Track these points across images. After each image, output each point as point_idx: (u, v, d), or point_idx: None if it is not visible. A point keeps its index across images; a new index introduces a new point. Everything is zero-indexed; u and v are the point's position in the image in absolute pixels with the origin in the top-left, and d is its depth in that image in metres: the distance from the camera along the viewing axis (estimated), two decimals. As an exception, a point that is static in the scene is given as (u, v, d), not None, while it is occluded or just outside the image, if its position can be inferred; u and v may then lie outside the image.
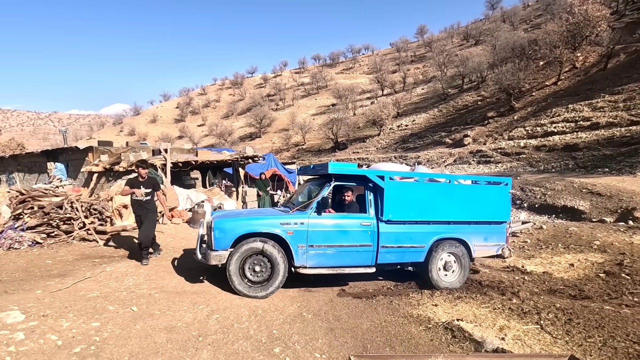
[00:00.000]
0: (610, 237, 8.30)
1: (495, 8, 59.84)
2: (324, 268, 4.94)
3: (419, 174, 5.79)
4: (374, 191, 5.23)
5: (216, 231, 4.57)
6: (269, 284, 4.65)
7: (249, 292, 4.57)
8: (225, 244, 4.57)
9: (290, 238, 4.73)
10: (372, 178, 5.12)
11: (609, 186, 12.63)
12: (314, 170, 5.88)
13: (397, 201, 5.14)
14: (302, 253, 4.80)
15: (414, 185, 5.41)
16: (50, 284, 4.60)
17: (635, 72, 20.84)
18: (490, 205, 5.74)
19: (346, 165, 5.20)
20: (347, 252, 5.00)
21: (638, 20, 26.75)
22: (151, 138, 56.41)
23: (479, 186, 5.92)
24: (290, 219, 4.84)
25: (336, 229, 4.97)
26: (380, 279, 5.82)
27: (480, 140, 24.35)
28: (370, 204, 5.18)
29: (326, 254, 4.91)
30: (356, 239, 5.03)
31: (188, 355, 2.95)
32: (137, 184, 6.05)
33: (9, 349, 2.71)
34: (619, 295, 4.95)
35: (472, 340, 3.62)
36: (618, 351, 3.33)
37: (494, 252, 5.95)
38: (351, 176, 5.23)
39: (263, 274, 4.67)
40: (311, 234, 4.82)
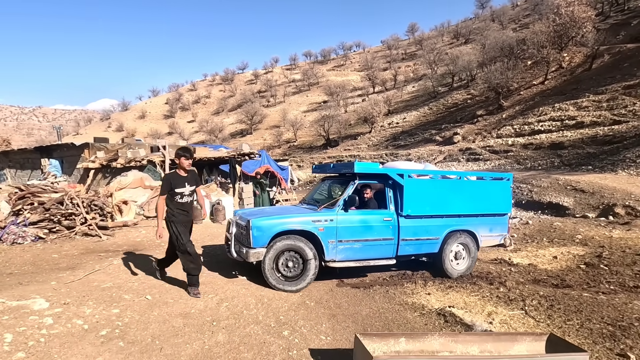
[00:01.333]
0: (591, 232, 8.76)
1: (485, 7, 60.62)
2: (351, 261, 5.28)
3: (433, 172, 6.20)
4: (393, 188, 5.60)
5: (254, 230, 4.78)
6: (301, 279, 4.93)
7: (282, 286, 4.83)
8: (262, 242, 4.81)
9: (321, 234, 5.01)
10: (393, 176, 5.49)
11: (591, 183, 13.13)
12: (335, 170, 6.24)
13: (415, 197, 5.55)
14: (332, 248, 5.10)
15: (429, 182, 5.82)
16: (63, 276, 4.80)
17: (619, 73, 21.52)
18: (494, 199, 6.25)
19: (370, 165, 5.61)
20: (371, 245, 5.37)
21: (622, 22, 27.52)
22: (140, 134, 55.79)
23: (484, 182, 6.41)
24: (321, 216, 5.13)
25: (362, 225, 5.31)
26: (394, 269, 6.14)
27: (469, 138, 24.86)
28: (390, 201, 5.56)
29: (353, 248, 5.25)
30: (379, 233, 5.40)
31: (205, 337, 3.21)
32: (180, 181, 4.31)
33: (41, 332, 2.93)
34: (596, 284, 5.35)
35: (462, 324, 3.95)
36: (593, 332, 3.70)
37: (498, 242, 6.50)
38: (374, 175, 5.60)
39: (296, 269, 4.94)
40: (340, 230, 5.13)
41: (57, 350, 2.73)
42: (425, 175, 5.93)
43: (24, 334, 2.88)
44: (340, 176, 6.29)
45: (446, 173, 6.41)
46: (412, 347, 2.98)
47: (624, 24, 27.06)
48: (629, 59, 22.32)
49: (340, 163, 6.13)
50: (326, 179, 6.83)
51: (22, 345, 2.74)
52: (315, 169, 7.09)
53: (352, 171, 5.41)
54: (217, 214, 9.16)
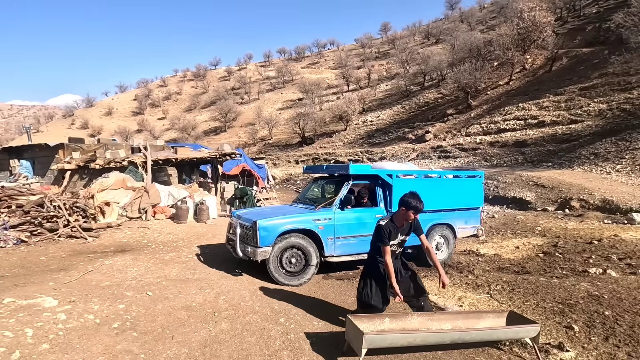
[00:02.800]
0: (549, 224, 9.61)
1: (454, 8, 62.46)
2: (348, 255, 5.73)
3: (417, 172, 6.76)
4: (383, 187, 6.11)
5: (261, 230, 5.10)
6: (303, 273, 5.33)
7: (287, 281, 5.20)
8: (269, 241, 5.14)
9: (321, 232, 5.42)
10: (383, 176, 6.02)
11: (551, 179, 14.16)
12: (329, 170, 6.70)
13: None
14: (330, 244, 5.52)
15: (414, 181, 6.40)
16: (58, 277, 4.95)
17: (575, 75, 23.05)
18: (469, 195, 6.99)
19: (363, 167, 6.10)
20: (365, 240, 5.77)
21: (578, 27, 29.35)
22: (107, 132, 53.91)
23: (461, 179, 7.13)
24: (320, 215, 5.54)
25: (356, 222, 5.77)
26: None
27: (440, 136, 25.88)
28: (380, 199, 6.07)
29: (350, 243, 5.70)
30: (372, 229, 5.81)
31: (210, 326, 3.54)
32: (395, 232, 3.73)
33: (58, 326, 3.17)
34: (551, 270, 6.04)
35: (437, 308, 4.46)
36: (546, 309, 4.29)
37: (472, 233, 7.29)
38: (366, 176, 6.06)
39: (298, 265, 5.32)
40: (337, 227, 5.57)
41: (77, 342, 2.98)
42: (411, 175, 6.50)
43: (42, 328, 3.11)
44: (331, 176, 6.74)
45: (428, 172, 7.01)
46: (395, 325, 3.43)
47: (580, 29, 28.89)
48: (584, 63, 23.92)
49: (335, 165, 6.81)
50: (318, 179, 7.25)
51: (43, 338, 2.97)
52: (307, 170, 7.50)
53: (348, 173, 5.88)
54: (201, 213, 9.36)
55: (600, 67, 21.78)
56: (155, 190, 9.31)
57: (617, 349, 3.37)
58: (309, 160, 32.00)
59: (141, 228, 8.42)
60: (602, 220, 9.62)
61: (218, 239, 8.01)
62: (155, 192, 9.28)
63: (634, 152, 14.07)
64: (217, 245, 7.35)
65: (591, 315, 4.02)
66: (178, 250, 6.93)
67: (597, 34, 26.06)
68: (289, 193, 22.24)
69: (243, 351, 3.13)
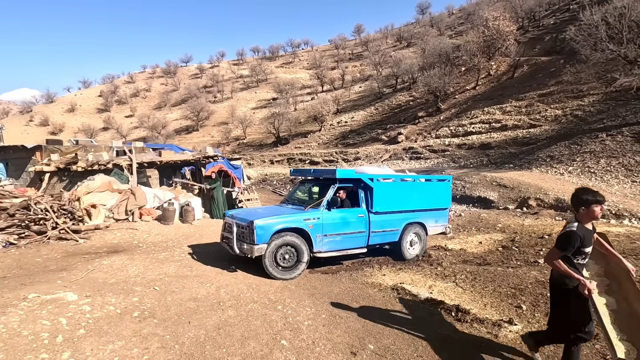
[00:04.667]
0: (509, 221, 10.64)
1: (425, 13, 64.59)
2: (334, 251, 6.37)
3: (395, 176, 7.49)
4: (365, 190, 6.78)
5: (257, 229, 5.62)
6: (295, 268, 5.90)
7: (281, 275, 5.74)
8: (265, 239, 5.67)
9: (311, 230, 6.02)
10: (365, 180, 6.71)
11: (512, 179, 15.38)
12: (317, 174, 7.31)
13: (382, 197, 6.81)
14: (319, 241, 6.13)
15: (392, 184, 7.12)
16: (62, 275, 5.28)
17: (535, 82, 24.79)
18: (439, 196, 7.86)
19: (348, 171, 6.75)
20: (349, 237, 6.51)
21: (537, 37, 31.41)
22: (69, 129, 51.94)
23: (432, 182, 7.98)
24: (309, 215, 6.14)
25: (342, 221, 6.41)
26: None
27: (412, 138, 27.06)
28: (362, 200, 6.74)
29: (335, 240, 6.34)
30: (355, 227, 6.57)
31: (219, 313, 4.06)
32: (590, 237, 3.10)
33: (86, 316, 3.60)
34: (508, 261, 6.92)
35: (411, 294, 5.17)
36: (501, 293, 5.09)
37: (442, 230, 8.23)
38: (350, 179, 6.70)
39: (291, 260, 5.88)
40: (325, 226, 6.18)
41: (107, 328, 3.43)
42: (389, 179, 7.24)
43: (73, 317, 3.52)
44: (317, 179, 7.37)
45: (404, 177, 7.76)
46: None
47: (539, 39, 30.92)
48: (543, 70, 25.75)
49: (322, 169, 7.70)
50: (305, 181, 7.86)
51: (77, 325, 3.40)
52: (294, 173, 8.10)
53: (334, 177, 6.51)
54: (187, 214, 9.70)
55: (557, 75, 23.56)
56: (141, 192, 9.57)
57: (554, 322, 4.18)
58: (284, 160, 32.44)
59: (130, 229, 8.69)
60: (554, 218, 10.75)
61: (206, 239, 8.43)
62: (141, 194, 9.54)
63: (584, 155, 15.52)
64: (206, 245, 7.79)
65: (536, 297, 4.84)
66: (170, 250, 7.30)
67: (554, 44, 28.05)
68: (266, 193, 22.67)
69: (252, 331, 3.68)
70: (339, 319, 4.29)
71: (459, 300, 4.93)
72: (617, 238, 7.48)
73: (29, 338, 3.06)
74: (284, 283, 5.54)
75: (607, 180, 13.65)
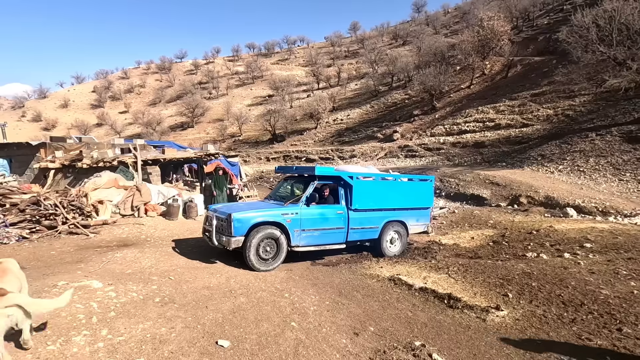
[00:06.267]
0: (500, 218, 11.08)
1: (421, 12, 64.97)
2: (312, 246, 6.64)
3: (375, 174, 7.78)
4: (345, 187, 7.05)
5: (235, 222, 5.90)
6: (275, 260, 6.18)
7: (261, 266, 6.02)
8: (242, 231, 5.95)
9: (288, 225, 6.29)
10: (345, 178, 6.98)
11: (504, 177, 15.85)
12: (298, 171, 7.59)
13: (362, 195, 7.07)
14: (297, 235, 6.40)
15: (372, 183, 7.40)
16: (80, 266, 5.61)
17: (528, 82, 25.29)
18: (421, 196, 8.12)
19: (327, 169, 7.00)
20: (327, 233, 6.78)
21: (531, 37, 31.92)
22: (62, 125, 51.66)
23: (414, 182, 8.26)
24: (288, 210, 6.41)
25: (320, 217, 6.68)
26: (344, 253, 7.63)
27: (407, 136, 27.49)
28: (342, 198, 7.01)
29: (313, 235, 6.61)
30: (334, 223, 6.84)
31: (232, 299, 4.43)
32: None
33: (113, 301, 3.95)
34: (498, 255, 7.36)
35: (406, 285, 5.57)
36: (490, 283, 5.50)
37: (423, 229, 8.42)
38: (330, 177, 6.97)
39: (272, 252, 6.18)
40: (303, 221, 6.46)
41: (134, 311, 3.78)
42: (369, 177, 7.54)
43: (102, 302, 3.87)
44: (300, 176, 7.67)
45: (385, 175, 8.10)
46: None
47: (532, 39, 31.44)
48: (536, 71, 26.27)
49: (302, 166, 7.96)
50: (288, 178, 8.17)
51: (107, 308, 3.75)
52: (279, 170, 8.41)
53: (314, 174, 6.80)
54: (190, 210, 10.04)
55: (549, 75, 24.08)
56: (146, 189, 9.88)
57: (536, 307, 4.60)
58: (280, 157, 32.75)
59: (136, 225, 9.01)
60: (543, 214, 11.22)
61: (210, 233, 8.78)
62: (146, 190, 9.85)
63: (574, 154, 16.04)
64: (211, 239, 8.13)
65: (522, 287, 5.26)
66: (177, 243, 7.65)
67: (547, 44, 28.56)
68: (264, 190, 22.97)
69: (264, 315, 4.05)
70: (341, 305, 4.69)
71: (451, 289, 5.33)
72: (600, 234, 7.94)
73: (68, 319, 3.41)
74: (289, 274, 5.92)
75: (596, 178, 14.17)
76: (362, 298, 5.03)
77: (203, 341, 3.36)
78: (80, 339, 3.14)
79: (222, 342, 3.37)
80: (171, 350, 3.14)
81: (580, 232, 8.12)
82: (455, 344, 3.82)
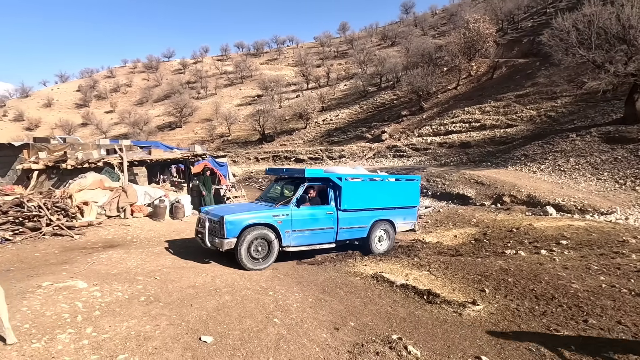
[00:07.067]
0: (483, 216, 11.35)
1: (409, 13, 65.60)
2: (303, 246, 6.81)
3: (363, 175, 7.95)
4: (334, 189, 7.23)
5: (227, 224, 6.02)
6: (267, 259, 6.32)
7: (253, 265, 6.16)
8: (234, 233, 6.07)
9: (279, 226, 6.44)
10: (334, 179, 7.16)
11: (489, 177, 16.18)
12: (288, 173, 7.74)
13: (350, 196, 7.26)
14: (288, 236, 6.56)
15: (360, 184, 7.59)
16: (65, 268, 5.63)
17: (512, 83, 25.81)
18: (407, 195, 8.35)
19: (316, 171, 7.18)
20: (317, 233, 6.96)
21: (516, 39, 32.56)
22: (46, 125, 50.77)
23: (400, 182, 8.49)
24: (279, 211, 6.56)
25: (310, 218, 6.85)
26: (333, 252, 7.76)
27: (395, 136, 27.79)
28: (331, 198, 7.19)
29: (304, 235, 6.78)
30: (323, 223, 7.02)
31: (216, 298, 4.53)
32: None
33: (98, 300, 4.01)
34: (478, 252, 7.58)
35: (389, 282, 5.73)
36: (469, 279, 5.70)
37: (410, 227, 8.67)
38: (319, 178, 7.15)
39: (263, 252, 6.31)
40: (294, 222, 6.62)
41: (119, 310, 3.85)
42: (358, 178, 7.72)
43: (87, 301, 3.93)
44: (290, 178, 7.81)
45: (373, 176, 8.28)
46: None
47: (517, 41, 32.07)
48: (520, 72, 26.81)
49: (292, 168, 8.21)
50: (279, 180, 8.28)
51: (92, 307, 3.81)
52: (269, 172, 8.52)
53: (304, 176, 6.95)
54: (177, 211, 10.06)
55: (533, 77, 24.62)
56: (133, 190, 9.87)
57: (510, 302, 4.81)
58: (270, 157, 32.76)
59: (122, 226, 9.01)
60: (524, 213, 11.53)
61: (197, 233, 8.83)
62: (133, 191, 9.84)
63: (555, 154, 16.46)
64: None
65: (499, 282, 5.46)
66: (163, 244, 7.69)
67: (531, 47, 29.16)
68: (252, 191, 22.98)
69: (247, 312, 4.16)
70: (324, 302, 4.82)
71: (431, 285, 5.51)
72: (576, 231, 8.23)
73: (53, 317, 3.47)
74: (274, 272, 6.03)
75: (575, 178, 14.58)
76: (345, 295, 5.17)
77: (187, 337, 3.46)
78: (65, 337, 3.20)
79: (206, 337, 3.47)
80: (155, 346, 3.23)
81: (557, 230, 8.40)
82: (431, 337, 3.99)
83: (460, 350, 3.71)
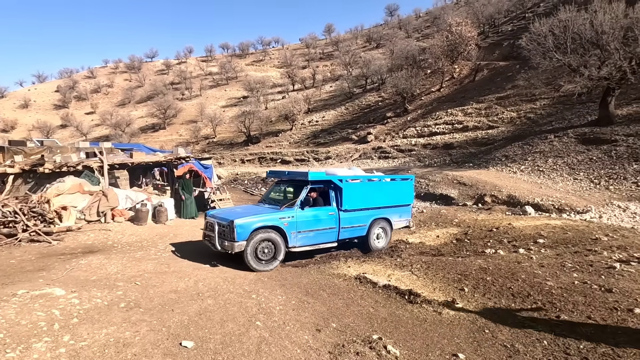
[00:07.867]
0: (465, 216, 11.57)
1: (393, 15, 66.31)
2: (307, 246, 7.02)
3: (362, 176, 8.12)
4: (335, 190, 7.44)
5: (237, 228, 6.17)
6: (273, 261, 6.48)
7: (260, 267, 6.30)
8: (244, 236, 6.22)
9: (286, 228, 6.63)
10: (335, 181, 7.39)
11: (471, 178, 16.49)
12: (291, 176, 7.91)
13: (351, 196, 7.50)
14: (293, 237, 6.76)
15: (360, 185, 7.80)
16: (42, 274, 5.53)
17: (494, 86, 26.36)
18: (403, 194, 8.68)
19: (319, 174, 7.34)
20: (321, 233, 7.17)
21: (497, 42, 33.29)
22: (23, 126, 49.32)
23: (396, 182, 8.77)
24: (284, 214, 6.73)
25: (314, 219, 7.05)
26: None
27: (380, 137, 28.03)
28: (333, 199, 7.41)
29: (308, 236, 6.99)
30: (326, 224, 7.24)
31: (199, 302, 4.51)
32: None
33: (76, 308, 3.95)
34: (459, 252, 7.74)
35: (371, 283, 5.80)
36: (449, 279, 5.82)
37: (405, 224, 9.05)
38: (321, 181, 7.33)
39: (270, 254, 6.45)
40: (299, 223, 6.81)
41: (98, 316, 3.80)
42: (357, 180, 7.90)
43: (65, 309, 3.87)
44: (292, 180, 7.95)
45: (370, 177, 8.44)
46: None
47: (498, 44, 32.80)
48: (501, 75, 27.41)
49: (295, 171, 8.70)
50: (280, 182, 8.42)
51: (70, 315, 3.75)
52: (271, 174, 8.68)
53: (307, 179, 7.11)
54: (160, 215, 9.95)
55: (513, 79, 25.18)
56: (113, 193, 9.71)
57: (488, 300, 4.93)
58: (255, 159, 32.61)
59: (103, 230, 8.86)
60: (504, 212, 11.81)
61: (180, 238, 8.76)
62: (113, 195, 9.68)
63: (534, 155, 16.89)
64: (181, 244, 8.13)
65: (478, 281, 5.60)
66: (145, 249, 7.60)
67: (512, 50, 29.84)
68: (238, 193, 22.85)
69: (230, 316, 4.16)
70: (306, 304, 4.85)
71: (413, 285, 5.61)
72: (553, 230, 8.48)
73: (28, 326, 3.41)
74: (257, 276, 6.04)
75: (553, 178, 14.99)
76: (328, 296, 5.22)
77: (167, 343, 3.44)
78: (41, 346, 3.15)
79: (186, 342, 3.46)
80: (134, 352, 3.21)
81: (535, 229, 8.64)
82: (411, 336, 4.07)
83: (438, 349, 3.80)
